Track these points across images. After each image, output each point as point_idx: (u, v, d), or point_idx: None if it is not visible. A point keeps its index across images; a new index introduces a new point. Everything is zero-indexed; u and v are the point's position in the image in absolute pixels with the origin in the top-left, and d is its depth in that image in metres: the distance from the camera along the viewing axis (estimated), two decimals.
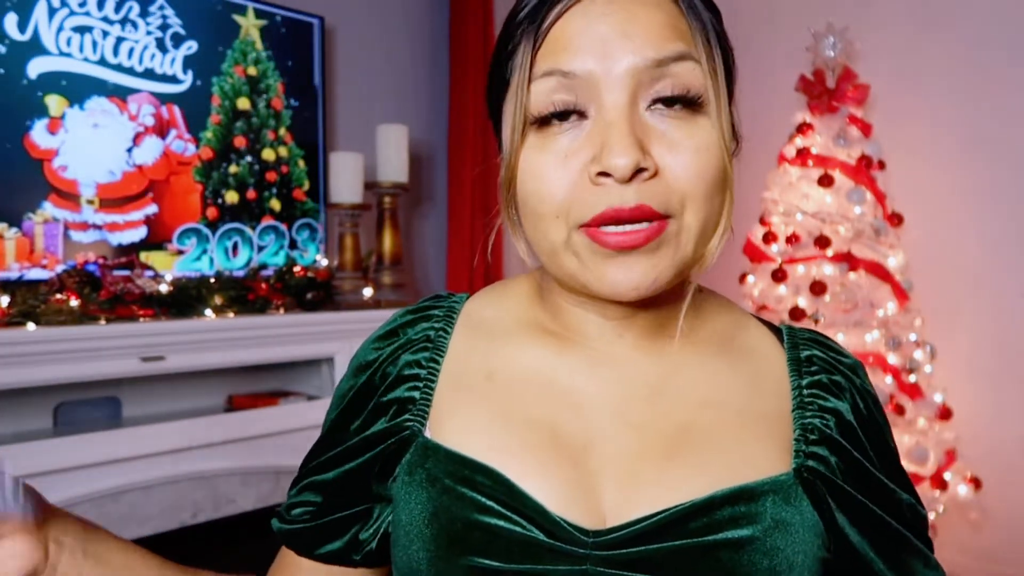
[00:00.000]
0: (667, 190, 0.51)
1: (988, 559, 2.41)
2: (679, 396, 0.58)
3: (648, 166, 0.50)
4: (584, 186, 0.52)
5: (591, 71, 0.51)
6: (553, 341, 0.61)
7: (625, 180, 0.50)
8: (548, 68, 0.52)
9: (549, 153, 0.53)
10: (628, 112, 0.51)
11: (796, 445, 0.58)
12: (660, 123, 0.52)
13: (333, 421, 0.66)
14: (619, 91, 0.51)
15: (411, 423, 0.61)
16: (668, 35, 0.52)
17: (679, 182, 0.51)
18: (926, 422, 2.34)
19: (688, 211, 0.52)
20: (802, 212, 2.45)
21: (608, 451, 0.57)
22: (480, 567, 0.54)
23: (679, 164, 0.51)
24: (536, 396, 0.59)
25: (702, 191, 0.52)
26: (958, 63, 2.47)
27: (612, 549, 0.53)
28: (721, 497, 0.54)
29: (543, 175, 0.53)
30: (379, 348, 0.65)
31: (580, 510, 0.54)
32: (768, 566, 0.53)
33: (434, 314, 0.66)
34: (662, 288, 0.53)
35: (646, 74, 0.51)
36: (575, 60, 0.52)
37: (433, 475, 0.57)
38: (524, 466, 0.56)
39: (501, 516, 0.54)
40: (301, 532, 0.65)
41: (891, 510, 0.59)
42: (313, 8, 2.76)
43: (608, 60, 0.51)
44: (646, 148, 0.51)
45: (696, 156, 0.52)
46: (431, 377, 0.62)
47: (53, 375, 1.96)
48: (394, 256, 2.82)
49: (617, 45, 0.51)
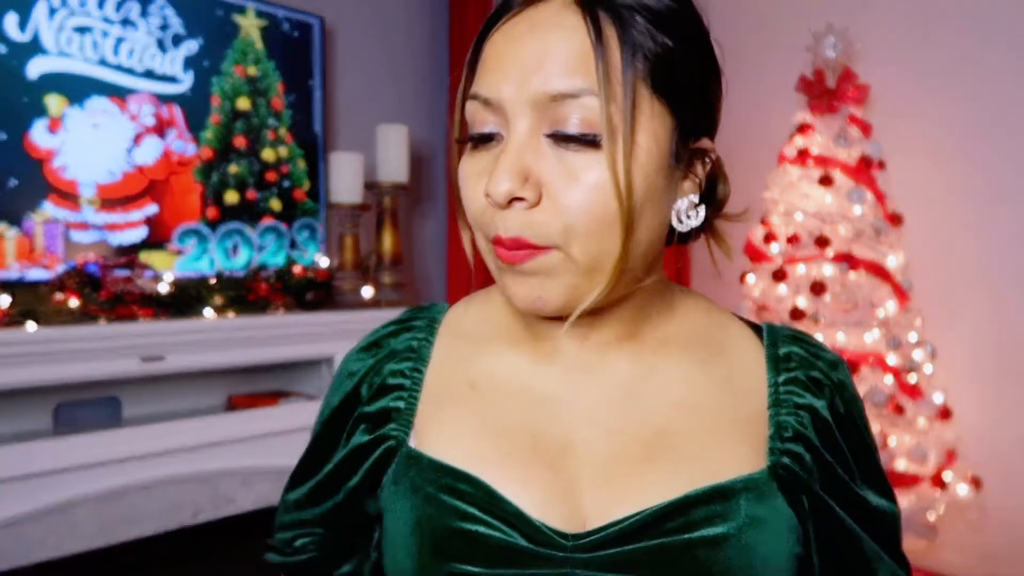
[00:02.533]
0: (548, 221, 0.51)
1: (988, 559, 2.41)
2: (654, 398, 0.59)
3: (526, 196, 0.51)
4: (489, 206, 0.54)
5: (503, 98, 0.52)
6: (530, 348, 0.62)
7: (501, 206, 0.52)
8: (474, 91, 0.55)
9: (471, 167, 0.55)
10: (524, 140, 0.52)
11: (771, 443, 0.58)
12: (560, 153, 0.52)
13: (319, 434, 0.67)
14: (522, 118, 0.52)
15: (396, 432, 0.62)
16: (576, 67, 0.50)
17: (563, 214, 0.51)
18: (926, 422, 2.34)
19: (573, 245, 0.52)
20: (802, 212, 2.45)
21: (585, 455, 0.58)
22: (464, 573, 0.55)
23: (568, 197, 0.51)
24: (516, 404, 0.60)
25: (587, 227, 0.51)
26: (958, 63, 2.47)
27: (591, 551, 0.54)
28: (695, 496, 0.55)
29: (465, 187, 0.56)
30: (362, 359, 0.66)
31: (560, 514, 0.56)
32: (744, 563, 0.54)
33: (416, 325, 0.67)
34: (559, 308, 0.54)
35: (548, 106, 0.51)
36: (491, 85, 0.53)
37: (417, 484, 0.58)
38: (504, 473, 0.57)
39: (483, 523, 0.56)
40: (310, 562, 0.66)
41: (856, 514, 0.60)
42: (313, 8, 2.76)
43: (517, 87, 0.52)
44: (531, 177, 0.51)
45: (586, 192, 0.51)
46: (415, 387, 0.63)
47: (53, 375, 1.96)
48: (394, 256, 2.82)
49: (528, 74, 0.51)
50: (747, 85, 2.85)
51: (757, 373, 0.61)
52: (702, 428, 0.58)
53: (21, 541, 1.88)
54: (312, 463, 0.66)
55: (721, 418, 0.59)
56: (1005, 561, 2.39)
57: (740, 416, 0.59)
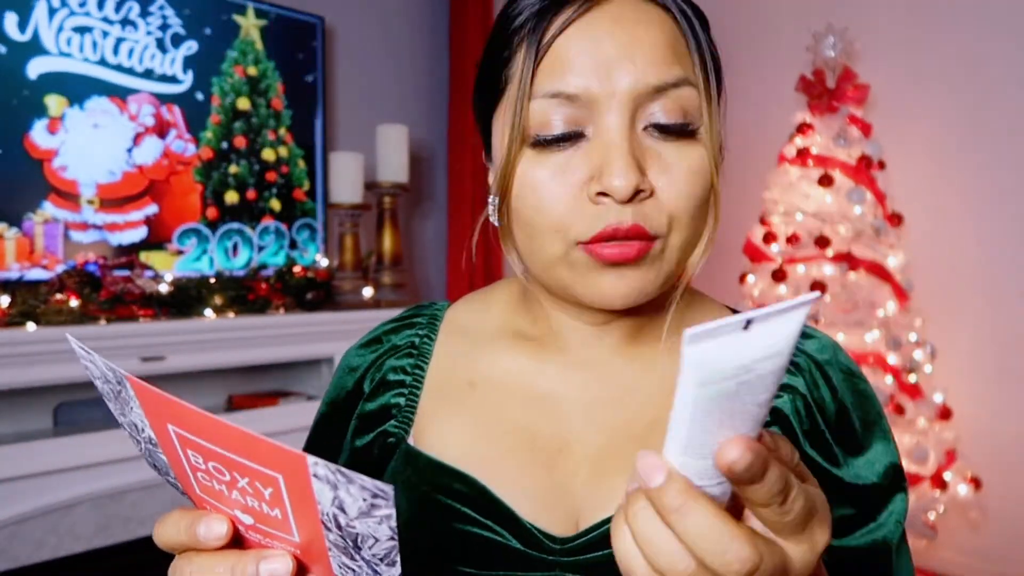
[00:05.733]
0: (659, 210, 0.52)
1: (988, 559, 2.41)
2: (650, 395, 0.59)
3: (645, 188, 0.51)
4: (583, 203, 0.52)
5: (592, 92, 0.51)
6: (532, 347, 0.62)
7: (625, 201, 0.51)
8: (552, 89, 0.52)
9: (546, 168, 0.53)
10: (628, 134, 0.51)
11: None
12: (655, 144, 0.52)
13: (319, 429, 0.67)
14: (619, 113, 0.51)
15: (396, 429, 0.62)
16: (669, 59, 0.52)
17: (670, 203, 0.52)
18: (926, 422, 2.34)
19: (674, 232, 0.53)
20: (802, 212, 2.45)
21: (580, 453, 0.58)
22: (457, 573, 0.55)
23: (671, 185, 0.52)
24: (515, 403, 0.60)
25: (689, 213, 0.53)
26: (958, 63, 2.47)
27: (578, 554, 0.54)
28: None
29: (540, 190, 0.53)
30: (363, 355, 0.66)
31: (553, 515, 0.56)
32: None
33: (417, 322, 0.67)
34: (647, 299, 0.55)
35: (646, 98, 0.52)
36: (578, 81, 0.51)
37: (412, 483, 0.58)
38: (501, 473, 0.57)
39: (476, 523, 0.56)
40: None
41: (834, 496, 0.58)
42: (313, 8, 2.76)
43: (610, 82, 0.51)
44: (643, 169, 0.51)
45: (688, 178, 0.52)
46: (416, 384, 0.63)
47: (53, 375, 1.96)
48: (394, 256, 2.82)
49: (619, 67, 0.51)
50: (747, 85, 2.85)
51: None
52: None
53: (21, 541, 1.88)
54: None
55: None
56: (1005, 561, 2.39)
57: None
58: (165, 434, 0.39)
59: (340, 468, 0.34)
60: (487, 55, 0.57)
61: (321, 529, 0.37)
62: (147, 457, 0.45)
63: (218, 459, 0.37)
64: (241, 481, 0.38)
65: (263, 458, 0.36)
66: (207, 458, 0.38)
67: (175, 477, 0.43)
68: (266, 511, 0.38)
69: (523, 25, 0.53)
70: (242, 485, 0.38)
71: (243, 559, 0.40)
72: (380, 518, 0.35)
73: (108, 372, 0.40)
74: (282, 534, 0.39)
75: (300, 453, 0.34)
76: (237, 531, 0.41)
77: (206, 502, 0.41)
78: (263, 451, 0.35)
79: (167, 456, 0.41)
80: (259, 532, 0.40)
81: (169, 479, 0.45)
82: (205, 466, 0.39)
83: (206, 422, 0.36)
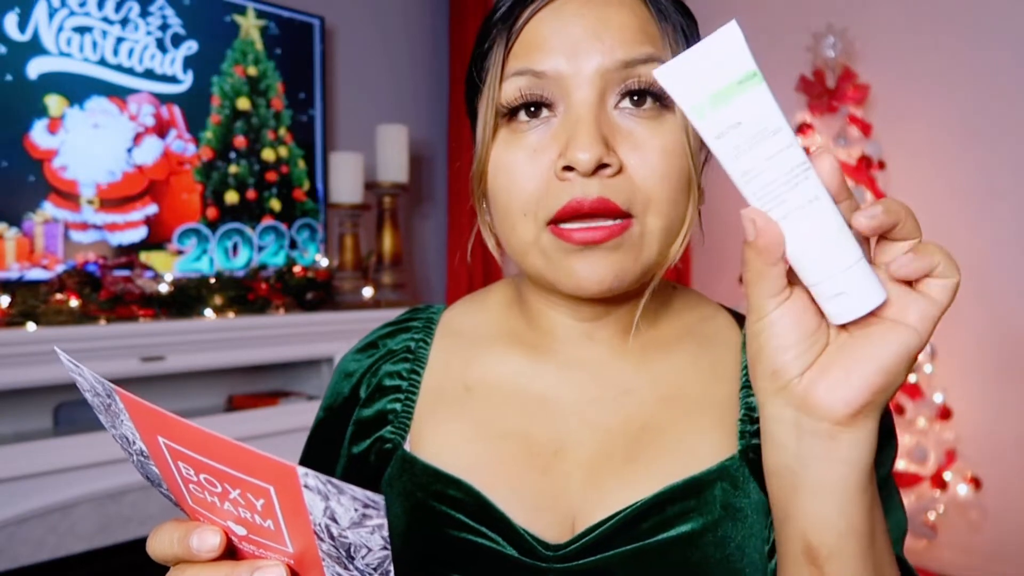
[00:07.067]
0: (630, 188, 0.52)
1: (988, 559, 2.41)
2: (644, 394, 0.59)
3: (611, 162, 0.51)
4: (551, 182, 0.52)
5: (560, 70, 0.52)
6: (528, 349, 0.62)
7: (588, 174, 0.50)
8: (519, 68, 0.53)
9: (518, 149, 0.54)
10: (594, 110, 0.52)
11: (740, 426, 0.58)
12: (627, 122, 0.53)
13: (317, 435, 0.67)
14: (587, 89, 0.52)
15: (393, 435, 0.61)
16: (638, 38, 0.53)
17: (643, 182, 0.52)
18: (926, 422, 2.34)
19: (651, 213, 0.52)
20: None
21: (576, 456, 0.57)
22: None
23: (644, 163, 0.52)
24: (511, 406, 0.60)
25: (666, 193, 0.52)
26: (958, 63, 2.47)
27: (571, 560, 0.54)
28: (670, 492, 0.54)
29: (512, 170, 0.54)
30: (359, 360, 0.66)
31: (547, 520, 0.55)
32: (721, 556, 0.53)
33: (413, 326, 0.66)
34: (626, 286, 0.54)
35: (614, 75, 0.52)
36: (546, 60, 0.52)
37: (408, 490, 0.58)
38: (497, 478, 0.57)
39: (471, 530, 0.55)
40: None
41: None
42: (313, 8, 2.76)
43: (577, 60, 0.52)
44: (611, 145, 0.51)
45: (661, 157, 0.52)
46: (412, 389, 0.63)
47: (53, 375, 1.96)
48: (394, 256, 2.82)
49: (587, 46, 0.52)
50: None
51: (734, 358, 0.61)
52: (683, 420, 0.58)
53: (21, 541, 1.89)
54: (310, 464, 0.66)
55: (702, 407, 0.58)
56: (1005, 561, 2.39)
57: (718, 403, 0.59)
58: (156, 446, 0.39)
59: (331, 479, 0.34)
60: (472, 52, 0.59)
61: (314, 539, 0.37)
62: (139, 469, 0.45)
63: (209, 471, 0.37)
64: (233, 492, 0.38)
65: (254, 470, 0.36)
66: (198, 470, 0.38)
67: (167, 489, 0.43)
68: (259, 522, 0.38)
69: (500, 17, 0.56)
70: (234, 496, 0.38)
71: (237, 569, 0.40)
72: (372, 528, 0.35)
73: (97, 385, 0.40)
74: (276, 544, 0.39)
75: (290, 464, 0.34)
76: (231, 542, 0.41)
77: (199, 513, 0.41)
78: (253, 463, 0.35)
79: (159, 468, 0.41)
80: (252, 543, 0.40)
81: (162, 490, 0.45)
82: (197, 478, 0.39)
83: (196, 435, 0.36)
